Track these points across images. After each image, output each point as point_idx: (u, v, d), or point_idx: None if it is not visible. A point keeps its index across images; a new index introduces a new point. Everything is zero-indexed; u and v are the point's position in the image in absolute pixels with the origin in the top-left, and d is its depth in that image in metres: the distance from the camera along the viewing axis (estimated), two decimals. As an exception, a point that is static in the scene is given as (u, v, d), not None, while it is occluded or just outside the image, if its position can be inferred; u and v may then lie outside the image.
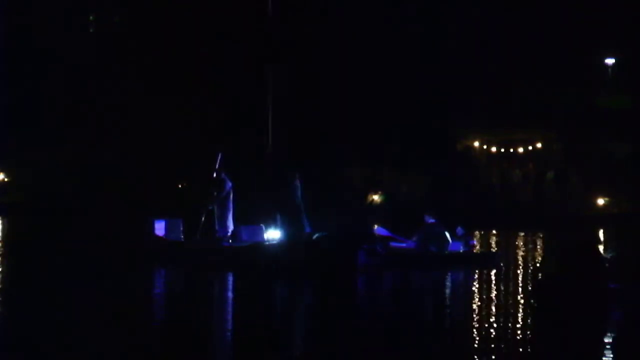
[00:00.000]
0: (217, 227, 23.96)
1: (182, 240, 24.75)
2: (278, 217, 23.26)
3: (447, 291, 20.26)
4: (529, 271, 23.53)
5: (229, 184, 24.13)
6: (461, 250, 24.37)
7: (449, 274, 22.29)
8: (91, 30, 66.33)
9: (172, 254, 23.79)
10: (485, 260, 24.52)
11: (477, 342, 13.29)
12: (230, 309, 16.87)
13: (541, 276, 21.91)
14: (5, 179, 65.24)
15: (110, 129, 61.14)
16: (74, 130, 61.24)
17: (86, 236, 35.26)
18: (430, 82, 57.34)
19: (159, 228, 24.30)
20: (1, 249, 29.63)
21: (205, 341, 13.42)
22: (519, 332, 14.28)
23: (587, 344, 13.71)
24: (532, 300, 17.21)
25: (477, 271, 22.54)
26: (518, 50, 57.49)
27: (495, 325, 14.64)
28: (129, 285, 19.87)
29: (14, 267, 23.63)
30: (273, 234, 23.42)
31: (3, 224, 44.35)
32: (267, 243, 23.24)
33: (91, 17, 66.34)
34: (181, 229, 24.91)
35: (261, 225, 23.88)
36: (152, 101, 60.39)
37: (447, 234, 24.06)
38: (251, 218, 24.70)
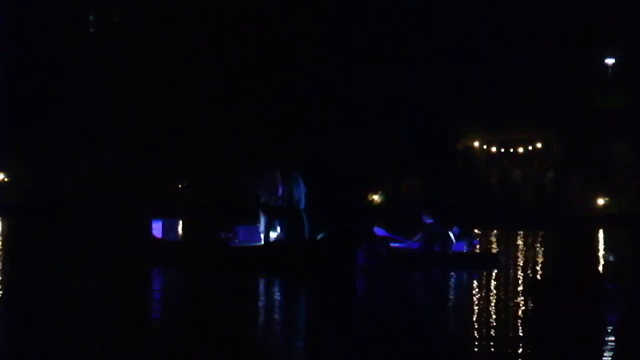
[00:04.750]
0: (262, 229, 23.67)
1: (180, 240, 24.73)
2: (278, 217, 23.21)
3: (451, 292, 20.22)
4: (530, 272, 23.50)
5: (282, 187, 23.68)
6: (464, 250, 24.31)
7: (453, 274, 22.23)
8: (91, 30, 66.37)
9: (171, 254, 23.76)
10: (488, 261, 24.49)
11: (476, 342, 13.28)
12: (230, 309, 16.84)
13: (540, 276, 21.90)
14: (5, 179, 65.27)
15: (110, 129, 61.19)
16: (74, 130, 61.28)
17: (85, 236, 35.26)
18: (431, 82, 57.32)
19: (157, 228, 24.27)
20: (1, 249, 29.63)
21: (204, 341, 13.41)
22: (518, 332, 14.27)
23: (585, 344, 13.70)
24: (530, 301, 17.19)
25: (480, 271, 22.49)
26: (518, 50, 57.47)
27: (495, 325, 14.63)
28: (128, 286, 19.85)
29: (13, 267, 23.62)
30: (270, 234, 23.37)
31: (3, 224, 44.33)
32: (268, 243, 23.19)
33: (91, 17, 66.38)
34: (179, 229, 24.89)
35: (257, 225, 23.84)
36: (151, 101, 60.45)
37: (451, 234, 24.00)
38: (249, 218, 24.69)
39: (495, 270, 22.92)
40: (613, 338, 13.97)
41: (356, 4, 59.39)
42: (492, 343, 13.16)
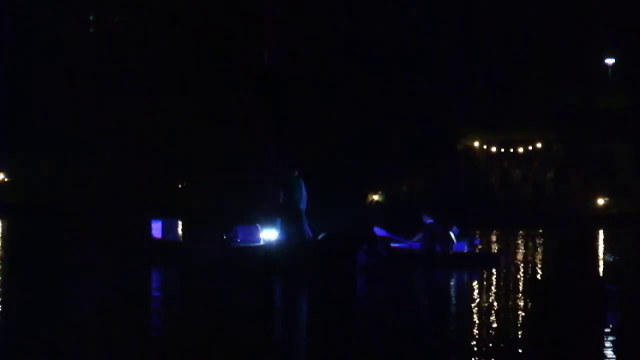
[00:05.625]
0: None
1: (180, 240, 24.72)
2: (279, 217, 23.19)
3: (452, 292, 20.22)
4: (530, 272, 23.51)
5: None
6: (465, 250, 24.31)
7: (453, 274, 22.24)
8: (91, 30, 66.33)
9: (171, 254, 23.76)
10: (488, 261, 24.50)
11: (477, 342, 13.28)
12: (230, 309, 16.84)
13: (540, 276, 21.92)
14: (5, 179, 65.24)
15: (109, 129, 61.15)
16: (73, 130, 61.25)
17: (85, 236, 35.26)
18: (431, 81, 57.30)
19: (156, 228, 24.25)
20: (1, 249, 29.63)
21: (204, 341, 13.40)
22: (518, 332, 14.28)
23: (585, 344, 13.70)
24: (530, 301, 17.20)
25: (480, 271, 22.50)
26: (518, 50, 57.46)
27: (495, 325, 14.64)
28: (127, 286, 19.85)
29: (13, 267, 23.63)
30: (269, 234, 23.36)
31: (3, 224, 44.32)
32: (267, 244, 23.18)
33: (91, 17, 66.35)
34: (179, 229, 24.86)
35: (257, 225, 23.82)
36: (151, 101, 60.41)
37: (451, 234, 24.00)
38: (247, 218, 24.69)
39: (496, 270, 22.94)
40: (613, 338, 13.97)
41: (357, 4, 59.36)
42: (492, 343, 13.16)
